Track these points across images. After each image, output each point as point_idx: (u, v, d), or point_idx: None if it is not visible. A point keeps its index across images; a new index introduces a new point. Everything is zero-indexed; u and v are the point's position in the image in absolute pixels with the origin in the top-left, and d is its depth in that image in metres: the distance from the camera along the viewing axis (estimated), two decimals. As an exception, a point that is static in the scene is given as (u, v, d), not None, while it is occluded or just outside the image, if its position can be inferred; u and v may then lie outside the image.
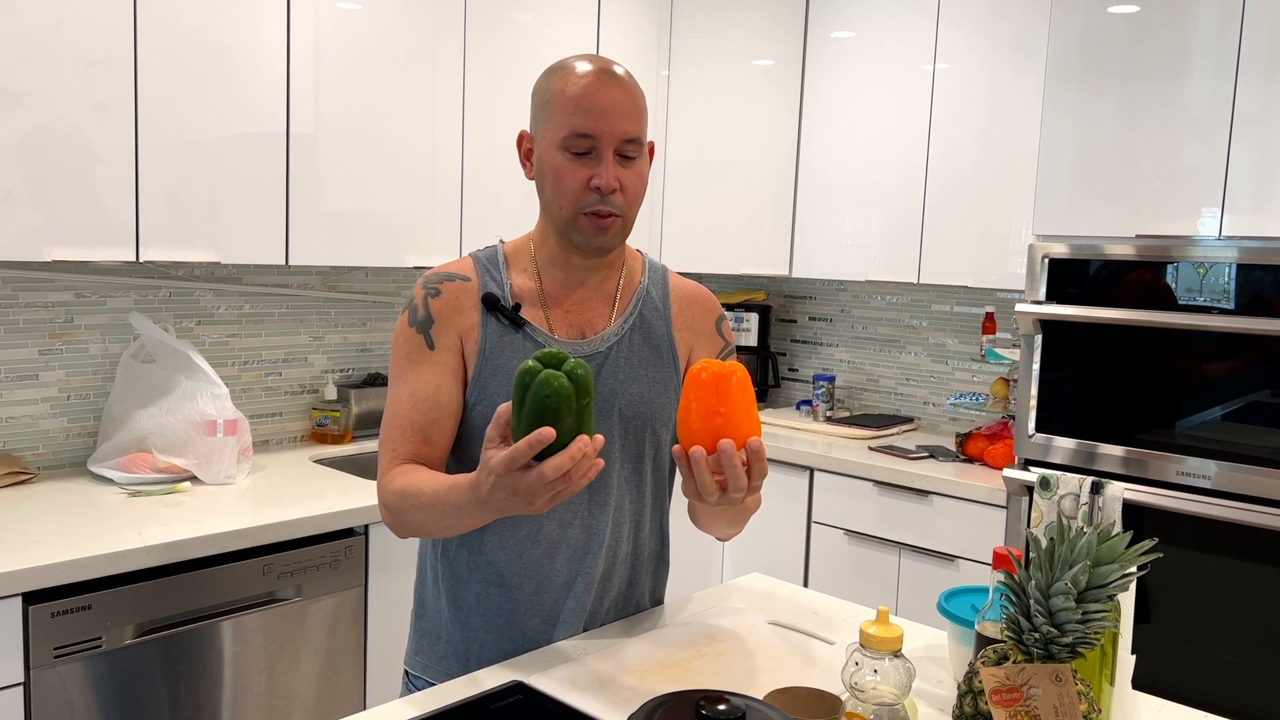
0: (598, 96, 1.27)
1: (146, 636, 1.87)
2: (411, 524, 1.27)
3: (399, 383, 1.34)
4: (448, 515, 1.20)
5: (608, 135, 1.27)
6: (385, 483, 1.30)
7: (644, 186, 1.34)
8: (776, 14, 3.37)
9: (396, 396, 1.33)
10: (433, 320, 1.34)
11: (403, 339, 1.35)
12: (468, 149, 2.74)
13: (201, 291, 2.59)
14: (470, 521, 1.20)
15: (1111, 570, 0.93)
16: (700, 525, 1.42)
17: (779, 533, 3.17)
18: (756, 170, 3.42)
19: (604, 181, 1.27)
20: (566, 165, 1.29)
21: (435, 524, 1.24)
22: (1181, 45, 2.35)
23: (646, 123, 1.33)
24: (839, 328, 3.74)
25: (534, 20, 2.88)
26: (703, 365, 1.14)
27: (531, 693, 1.20)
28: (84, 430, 2.41)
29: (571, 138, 1.27)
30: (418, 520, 1.25)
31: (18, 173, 1.96)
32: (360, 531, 2.21)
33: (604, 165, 1.27)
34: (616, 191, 1.29)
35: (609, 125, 1.27)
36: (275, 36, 2.31)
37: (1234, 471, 2.28)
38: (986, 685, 0.93)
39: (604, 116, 1.27)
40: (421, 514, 1.24)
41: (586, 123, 1.27)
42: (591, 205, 1.29)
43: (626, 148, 1.29)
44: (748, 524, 1.54)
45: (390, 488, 1.28)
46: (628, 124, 1.28)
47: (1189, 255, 2.33)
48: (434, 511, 1.22)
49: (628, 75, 1.32)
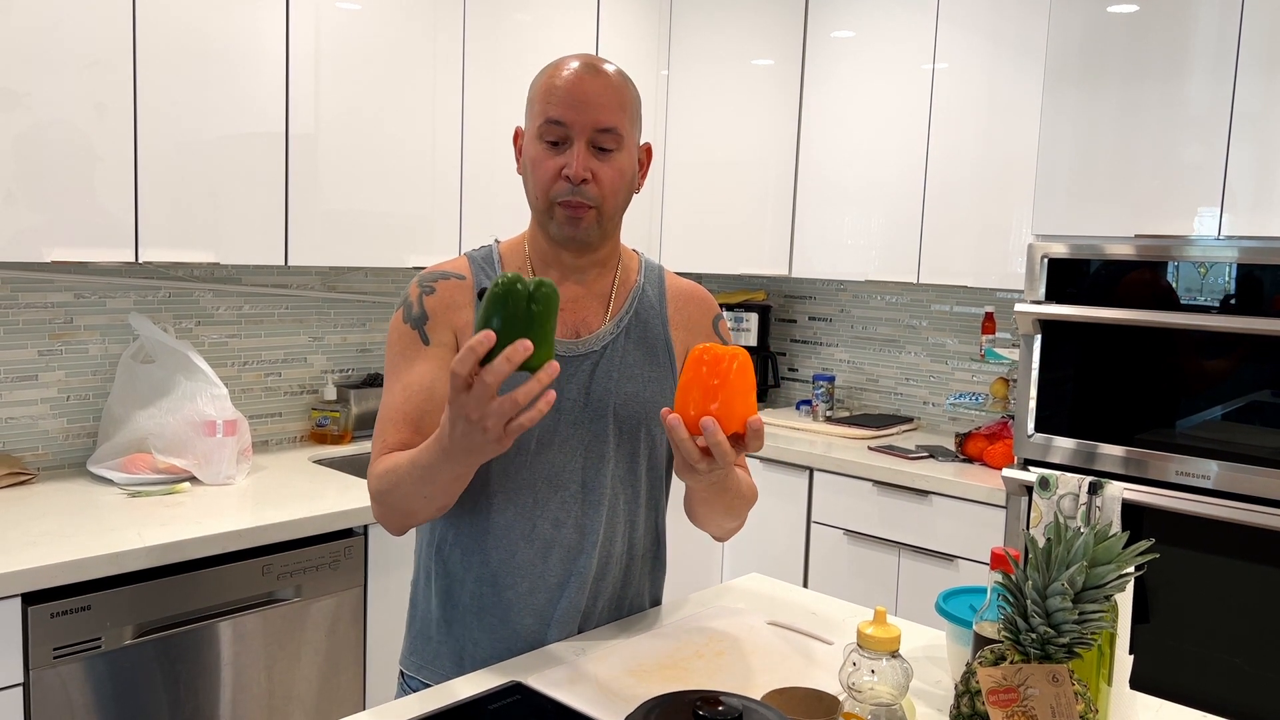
0: (574, 87, 1.28)
1: (146, 637, 1.87)
2: (394, 504, 1.24)
3: (392, 378, 1.34)
4: (422, 478, 1.18)
5: (579, 124, 1.27)
6: (372, 472, 1.29)
7: (624, 181, 1.33)
8: (776, 13, 3.37)
9: (390, 391, 1.33)
10: (427, 316, 1.34)
11: (397, 335, 1.35)
12: (467, 149, 2.74)
13: (201, 292, 2.59)
14: (444, 479, 1.17)
15: (1108, 571, 0.93)
16: (697, 519, 1.40)
17: (778, 533, 3.17)
18: (756, 170, 3.42)
19: (573, 170, 1.27)
20: (541, 154, 1.29)
21: (413, 494, 1.21)
22: (1181, 45, 2.35)
23: (632, 119, 1.32)
24: (838, 328, 3.74)
25: (533, 20, 2.88)
26: (704, 347, 1.13)
27: (529, 693, 1.20)
28: (83, 431, 2.41)
29: (545, 125, 1.28)
30: (399, 497, 1.23)
31: (17, 173, 1.96)
32: (359, 532, 2.21)
33: (574, 154, 1.27)
34: (589, 182, 1.28)
35: (581, 114, 1.27)
36: (275, 36, 2.31)
37: (1233, 471, 2.28)
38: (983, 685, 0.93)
39: (577, 106, 1.27)
40: (400, 488, 1.22)
41: (559, 111, 1.27)
42: (563, 195, 1.28)
43: (601, 138, 1.29)
44: (745, 521, 1.50)
45: (375, 474, 1.28)
46: (602, 115, 1.28)
47: (1188, 255, 2.33)
48: (410, 479, 1.20)
49: (617, 72, 1.32)
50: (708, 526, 1.41)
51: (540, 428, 1.33)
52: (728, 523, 1.39)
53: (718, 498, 1.31)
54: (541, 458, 1.33)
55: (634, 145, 1.35)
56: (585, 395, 1.35)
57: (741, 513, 1.38)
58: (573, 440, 1.34)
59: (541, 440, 1.33)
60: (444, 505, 1.24)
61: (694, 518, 1.41)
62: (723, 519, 1.38)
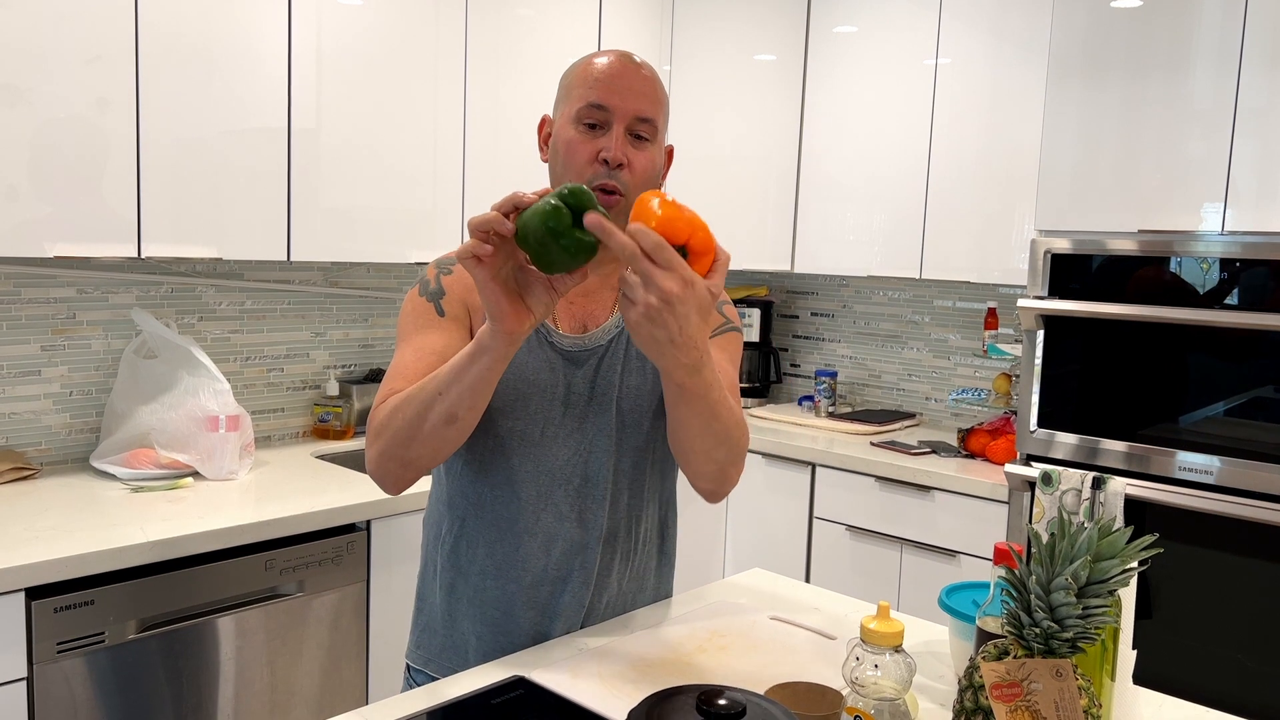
0: (618, 74, 1.29)
1: (149, 632, 1.88)
2: (400, 427, 1.18)
3: (404, 343, 1.31)
4: (446, 379, 1.15)
5: (620, 110, 1.28)
6: (374, 414, 1.24)
7: (654, 172, 1.33)
8: (778, 8, 3.36)
9: (400, 352, 1.30)
10: (444, 292, 1.34)
11: (411, 307, 1.34)
12: (469, 143, 2.74)
13: (203, 287, 2.59)
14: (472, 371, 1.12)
15: (1112, 565, 0.93)
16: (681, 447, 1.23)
17: (781, 528, 3.17)
18: (758, 165, 3.42)
19: (611, 154, 1.27)
20: (578, 138, 1.29)
21: (426, 400, 1.16)
22: (1184, 39, 2.34)
23: (665, 116, 1.34)
24: (841, 323, 3.74)
25: (536, 15, 2.87)
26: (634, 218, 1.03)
27: (533, 687, 1.20)
28: (86, 426, 2.41)
29: (586, 109, 1.29)
30: (409, 414, 1.17)
31: (20, 168, 1.96)
32: (362, 527, 2.21)
33: (613, 138, 1.28)
34: (624, 168, 1.28)
35: (623, 100, 1.28)
36: (277, 32, 2.31)
37: (1236, 467, 2.28)
38: (987, 680, 0.93)
39: (619, 92, 1.28)
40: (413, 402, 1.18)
41: (601, 95, 1.28)
42: (598, 179, 1.28)
43: (639, 126, 1.30)
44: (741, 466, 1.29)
45: (381, 410, 1.23)
46: (643, 103, 1.29)
47: (1192, 250, 2.32)
48: (430, 386, 1.16)
49: (653, 70, 1.34)
50: (696, 460, 1.23)
51: (543, 422, 1.33)
52: (715, 449, 1.21)
53: (697, 398, 1.13)
54: (545, 451, 1.33)
55: (663, 142, 1.36)
56: (590, 389, 1.35)
57: (729, 441, 1.21)
58: (576, 434, 1.34)
59: (545, 434, 1.33)
60: (451, 412, 1.15)
61: (679, 447, 1.23)
62: (708, 440, 1.19)
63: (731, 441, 1.22)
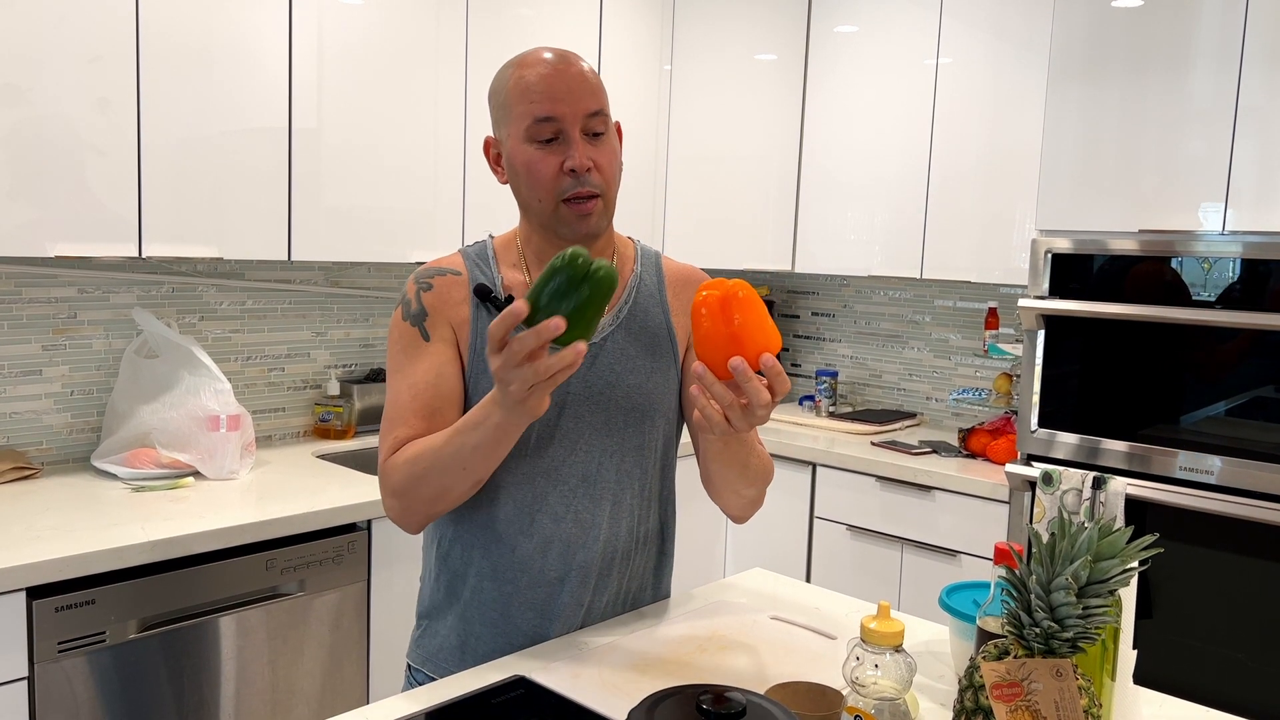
0: (552, 80, 1.26)
1: (150, 631, 1.88)
2: (423, 488, 1.23)
3: (397, 376, 1.33)
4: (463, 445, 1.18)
5: (570, 115, 1.26)
6: (388, 469, 1.27)
7: (618, 162, 1.32)
8: (779, 8, 3.36)
9: (395, 389, 1.33)
10: (426, 313, 1.34)
11: (398, 334, 1.35)
12: (470, 143, 2.74)
13: (204, 287, 2.59)
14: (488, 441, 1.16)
15: (1112, 565, 0.93)
16: (715, 488, 1.36)
17: (781, 528, 3.18)
18: (759, 165, 3.42)
19: (577, 162, 1.26)
20: (536, 155, 1.27)
21: (452, 467, 1.20)
22: (1185, 39, 2.34)
23: (607, 99, 1.32)
24: (842, 323, 3.74)
25: (536, 14, 2.87)
26: (707, 285, 1.10)
27: (533, 687, 1.20)
28: (87, 426, 2.41)
29: (535, 125, 1.26)
30: (433, 477, 1.21)
31: (20, 168, 1.96)
32: (363, 527, 2.21)
33: (573, 146, 1.26)
34: (592, 170, 1.27)
35: (570, 105, 1.26)
36: (278, 31, 2.31)
37: (1237, 466, 2.28)
38: (987, 680, 0.93)
39: (563, 98, 1.26)
40: (436, 466, 1.21)
41: (547, 107, 1.26)
42: (569, 190, 1.27)
43: (592, 123, 1.28)
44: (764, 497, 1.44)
45: (394, 465, 1.26)
46: (588, 100, 1.27)
47: (1192, 250, 2.32)
48: (448, 450, 1.19)
49: (576, 55, 1.31)
50: (726, 496, 1.36)
51: (540, 422, 1.32)
52: (746, 489, 1.34)
53: (736, 454, 1.28)
54: (541, 452, 1.33)
55: (613, 124, 1.34)
56: (586, 389, 1.34)
57: (759, 480, 1.35)
58: (573, 434, 1.34)
59: (541, 435, 1.33)
60: (479, 479, 1.23)
61: (712, 487, 1.37)
62: (740, 483, 1.33)
63: (761, 480, 1.36)
